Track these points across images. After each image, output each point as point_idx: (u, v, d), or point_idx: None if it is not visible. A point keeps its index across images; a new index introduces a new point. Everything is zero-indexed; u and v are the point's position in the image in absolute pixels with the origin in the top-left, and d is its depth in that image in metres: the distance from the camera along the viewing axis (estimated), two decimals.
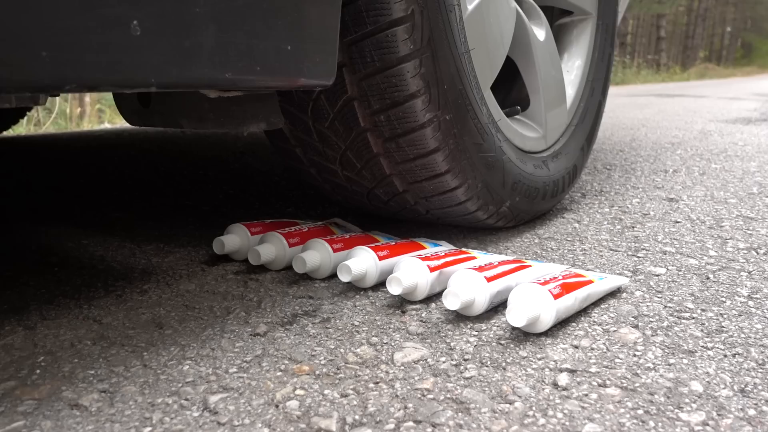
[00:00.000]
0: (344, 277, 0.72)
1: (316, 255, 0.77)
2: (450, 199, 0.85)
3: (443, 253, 0.76)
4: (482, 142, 0.85)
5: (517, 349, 0.60)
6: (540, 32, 1.02)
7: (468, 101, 0.82)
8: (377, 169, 0.83)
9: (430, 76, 0.74)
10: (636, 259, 0.88)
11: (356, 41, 0.72)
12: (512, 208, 0.95)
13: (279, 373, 0.55)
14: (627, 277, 0.80)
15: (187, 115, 0.69)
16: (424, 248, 0.82)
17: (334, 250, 0.78)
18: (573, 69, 1.20)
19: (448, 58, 0.77)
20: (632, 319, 0.67)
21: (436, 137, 0.77)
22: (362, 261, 0.73)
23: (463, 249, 0.84)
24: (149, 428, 0.47)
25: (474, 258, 0.77)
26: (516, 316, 0.59)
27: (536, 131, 1.04)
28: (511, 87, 1.10)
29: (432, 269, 0.70)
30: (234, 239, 0.83)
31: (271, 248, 0.80)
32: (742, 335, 0.63)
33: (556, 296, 0.62)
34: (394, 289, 0.67)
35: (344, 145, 0.82)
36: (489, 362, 0.57)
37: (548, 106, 1.06)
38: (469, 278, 0.66)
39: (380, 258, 0.74)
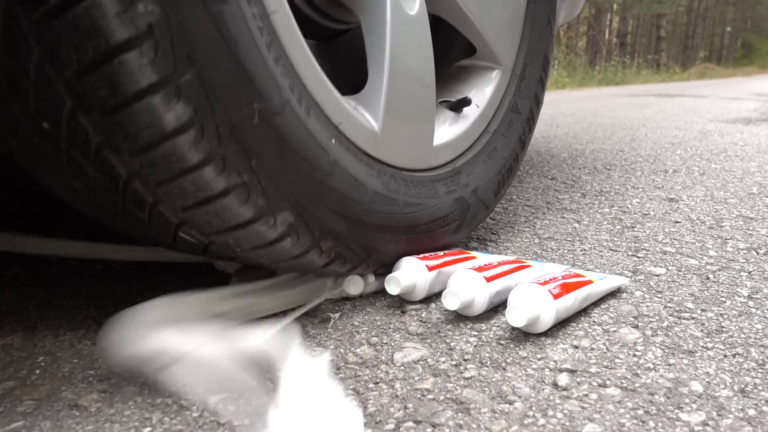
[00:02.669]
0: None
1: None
2: None
3: (442, 253, 0.76)
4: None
5: (517, 349, 0.60)
6: None
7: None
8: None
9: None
10: (636, 259, 0.88)
11: (165, 182, 0.52)
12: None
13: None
14: (627, 277, 0.80)
15: None
16: None
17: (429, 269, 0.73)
18: None
19: None
20: (632, 319, 0.67)
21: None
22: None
23: (462, 249, 0.84)
24: (149, 428, 0.47)
25: (474, 258, 0.77)
26: (516, 316, 0.59)
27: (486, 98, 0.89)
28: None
29: (431, 269, 0.70)
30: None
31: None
32: (742, 335, 0.63)
33: (556, 296, 0.62)
34: (392, 289, 0.67)
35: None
36: (489, 362, 0.57)
37: (499, 40, 0.88)
38: (468, 278, 0.66)
39: None
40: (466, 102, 0.86)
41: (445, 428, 0.47)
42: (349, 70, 0.90)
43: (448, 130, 0.83)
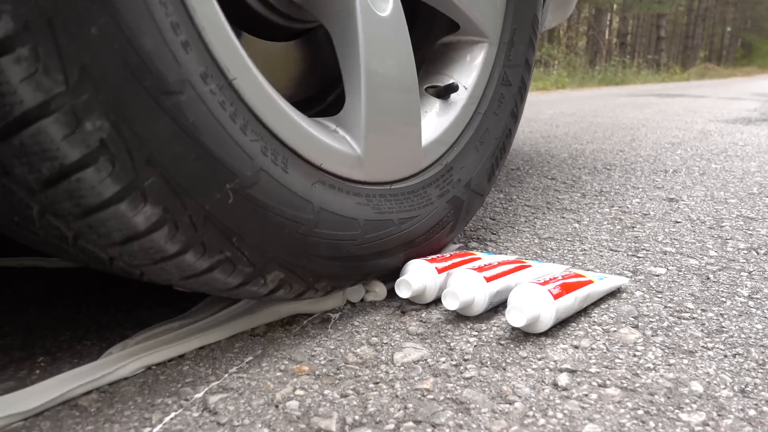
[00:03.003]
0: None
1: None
2: None
3: (449, 254, 0.76)
4: None
5: (517, 349, 0.60)
6: None
7: None
8: None
9: None
10: (636, 259, 0.88)
11: (148, 265, 0.53)
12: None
13: (279, 373, 0.55)
14: (627, 277, 0.80)
15: None
16: None
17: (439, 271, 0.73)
18: None
19: None
20: (632, 319, 0.67)
21: None
22: None
23: (466, 250, 0.84)
24: (148, 428, 0.47)
25: (479, 258, 0.77)
26: (516, 316, 0.59)
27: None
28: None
29: (440, 271, 0.70)
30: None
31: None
32: (743, 335, 0.63)
33: (556, 296, 0.62)
34: (403, 292, 0.67)
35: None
36: (489, 362, 0.57)
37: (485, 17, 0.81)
38: (468, 278, 0.66)
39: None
40: (453, 88, 0.81)
41: (445, 428, 0.47)
42: (319, 68, 0.86)
43: (436, 123, 0.79)
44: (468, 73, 0.83)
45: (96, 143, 0.41)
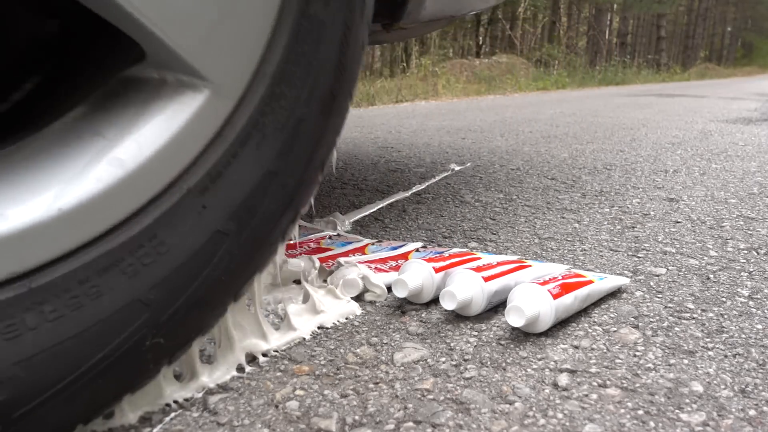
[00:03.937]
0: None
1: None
2: None
3: (447, 254, 0.76)
4: None
5: (517, 349, 0.60)
6: None
7: None
8: None
9: None
10: (636, 259, 0.88)
11: None
12: None
13: (279, 374, 0.55)
14: (627, 277, 0.80)
15: None
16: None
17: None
18: None
19: None
20: (632, 319, 0.67)
21: None
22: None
23: (466, 250, 0.84)
24: (148, 428, 0.47)
25: (478, 258, 0.77)
26: (515, 316, 0.59)
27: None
28: None
29: (437, 270, 0.70)
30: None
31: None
32: (743, 335, 0.63)
33: (556, 296, 0.62)
34: (400, 292, 0.67)
35: None
36: (489, 362, 0.57)
37: None
38: (466, 278, 0.66)
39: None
40: None
41: (445, 428, 0.47)
42: None
43: None
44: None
45: None
